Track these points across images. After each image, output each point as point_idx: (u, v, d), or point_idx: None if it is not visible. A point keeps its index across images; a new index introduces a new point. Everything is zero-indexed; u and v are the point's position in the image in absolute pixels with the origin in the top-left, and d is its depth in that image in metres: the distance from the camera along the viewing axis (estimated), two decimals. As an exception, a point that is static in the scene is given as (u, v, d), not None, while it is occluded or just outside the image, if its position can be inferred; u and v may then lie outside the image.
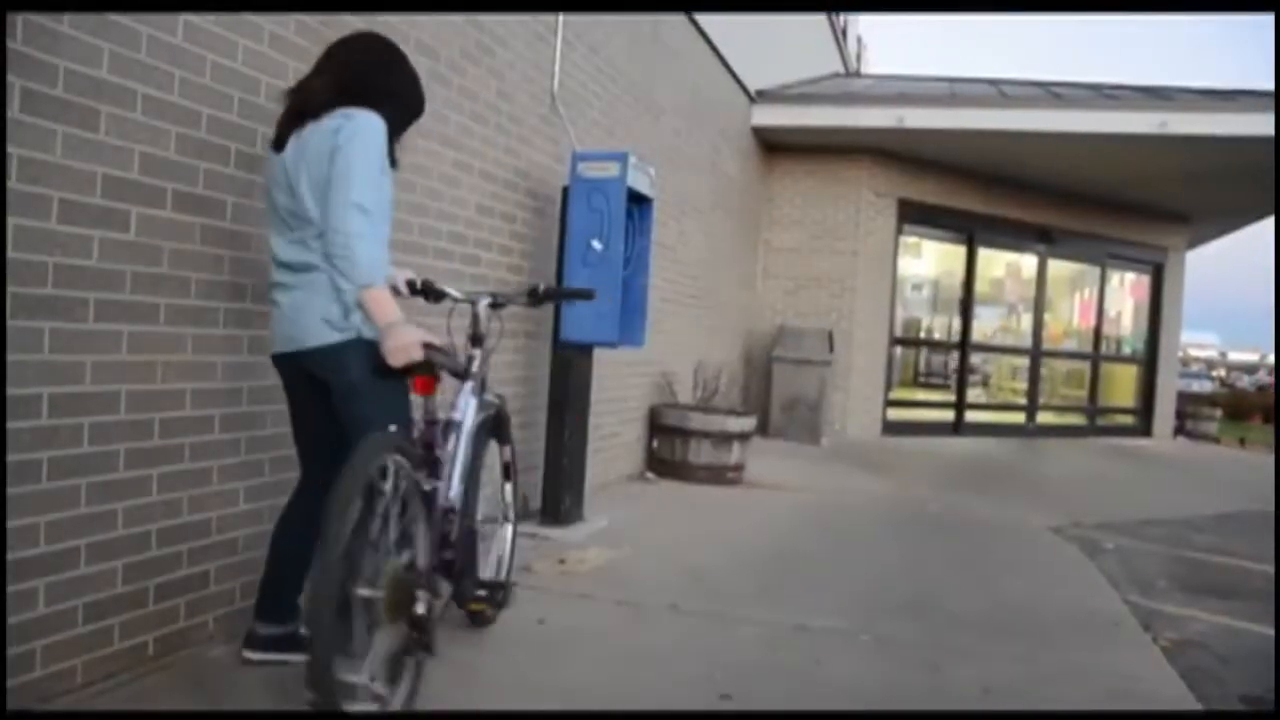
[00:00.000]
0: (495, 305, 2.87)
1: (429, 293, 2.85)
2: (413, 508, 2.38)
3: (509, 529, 3.31)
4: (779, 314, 9.84)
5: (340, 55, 2.53)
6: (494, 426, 3.06)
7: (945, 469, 8.36)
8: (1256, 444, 14.85)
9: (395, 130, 2.51)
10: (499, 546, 3.28)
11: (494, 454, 3.18)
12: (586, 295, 3.39)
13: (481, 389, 2.83)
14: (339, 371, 2.42)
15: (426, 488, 2.47)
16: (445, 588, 2.63)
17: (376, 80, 2.49)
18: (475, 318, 2.84)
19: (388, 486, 2.24)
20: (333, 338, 2.39)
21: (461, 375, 2.69)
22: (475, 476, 2.80)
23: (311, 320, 2.40)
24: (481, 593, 2.77)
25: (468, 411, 2.71)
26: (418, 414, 2.56)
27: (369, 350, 2.36)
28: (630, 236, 4.72)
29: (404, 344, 2.31)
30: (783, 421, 9.06)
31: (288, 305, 2.45)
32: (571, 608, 3.50)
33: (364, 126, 2.36)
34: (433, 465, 2.54)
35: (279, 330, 2.50)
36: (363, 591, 2.16)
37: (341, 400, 2.44)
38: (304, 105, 2.44)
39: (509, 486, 3.18)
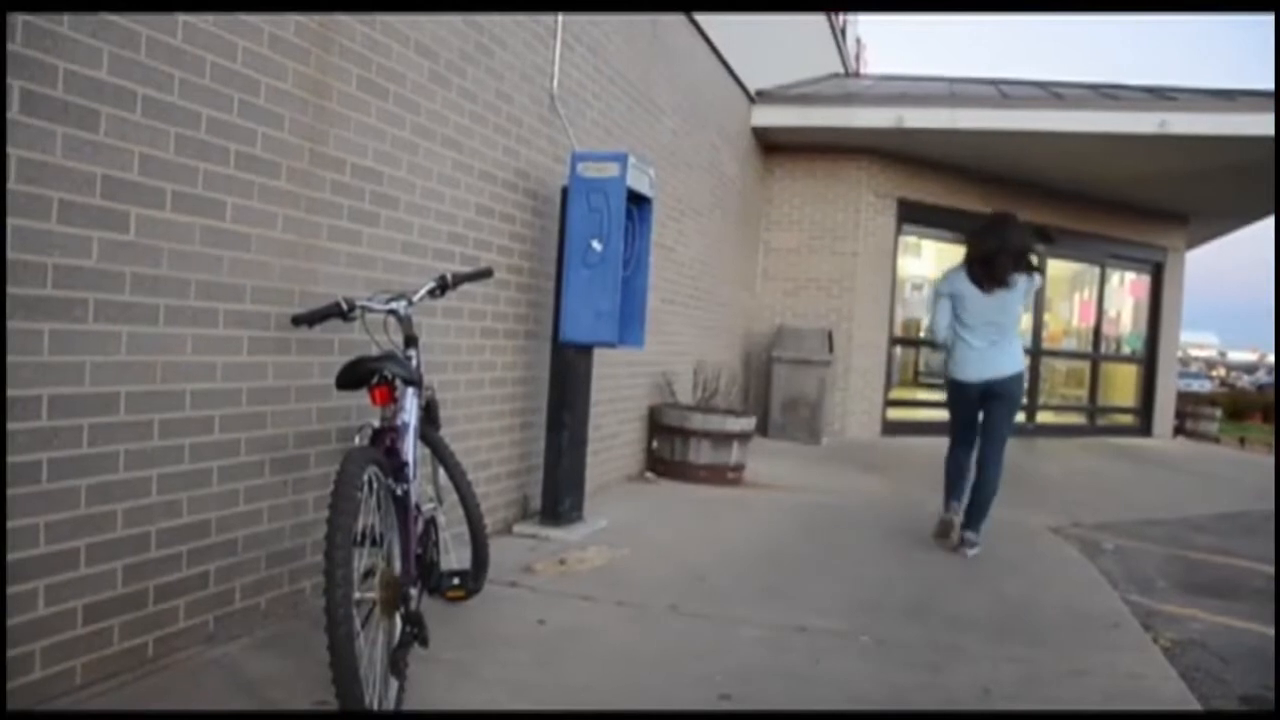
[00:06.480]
0: (411, 304, 2.94)
1: (352, 308, 2.78)
2: (389, 512, 2.52)
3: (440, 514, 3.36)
4: (778, 314, 9.84)
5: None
6: (427, 414, 3.10)
7: (945, 469, 8.33)
8: (1256, 444, 14.87)
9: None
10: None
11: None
12: (486, 274, 3.45)
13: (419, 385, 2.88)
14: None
15: (398, 492, 2.57)
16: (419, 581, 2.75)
17: None
18: (404, 321, 2.89)
19: (371, 497, 2.38)
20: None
21: (416, 383, 2.73)
22: (432, 469, 2.92)
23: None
24: (455, 580, 2.86)
25: (413, 411, 2.74)
26: (378, 423, 2.62)
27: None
28: (630, 237, 4.71)
29: None
30: (782, 421, 9.07)
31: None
32: (572, 608, 3.50)
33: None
34: (399, 470, 2.61)
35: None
36: (360, 594, 2.28)
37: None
38: None
39: (440, 471, 3.22)
